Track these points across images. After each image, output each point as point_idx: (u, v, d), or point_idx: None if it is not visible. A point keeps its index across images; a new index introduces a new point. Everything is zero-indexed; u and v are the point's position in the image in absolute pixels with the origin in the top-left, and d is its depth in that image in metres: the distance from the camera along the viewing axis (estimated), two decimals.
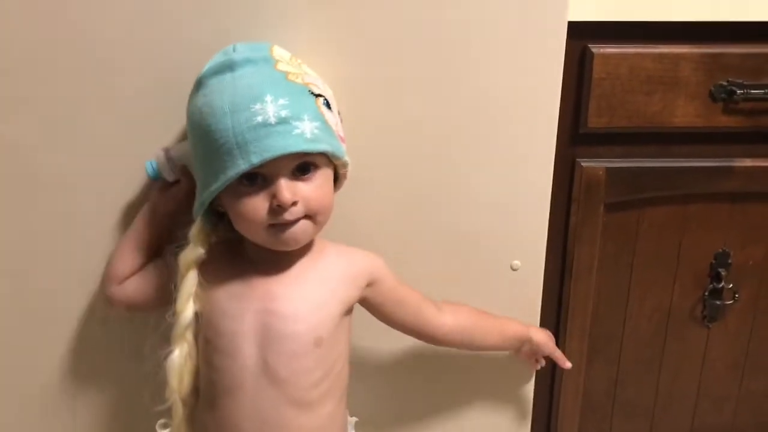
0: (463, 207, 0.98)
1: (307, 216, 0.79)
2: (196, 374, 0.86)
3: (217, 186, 0.77)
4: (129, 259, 0.90)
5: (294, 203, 0.77)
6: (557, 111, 0.94)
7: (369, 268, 0.88)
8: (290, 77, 0.78)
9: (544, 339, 1.02)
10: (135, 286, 0.91)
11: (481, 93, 0.93)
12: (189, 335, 0.83)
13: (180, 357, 0.83)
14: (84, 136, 0.91)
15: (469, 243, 0.99)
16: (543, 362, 1.05)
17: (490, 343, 0.99)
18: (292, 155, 0.76)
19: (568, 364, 1.04)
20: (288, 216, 0.78)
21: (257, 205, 0.78)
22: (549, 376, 1.12)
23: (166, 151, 0.87)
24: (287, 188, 0.77)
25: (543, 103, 0.94)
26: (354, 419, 0.95)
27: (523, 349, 1.02)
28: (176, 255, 0.84)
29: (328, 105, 0.81)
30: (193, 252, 0.83)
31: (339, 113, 0.86)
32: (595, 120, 0.98)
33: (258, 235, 0.80)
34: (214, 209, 0.83)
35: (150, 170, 0.87)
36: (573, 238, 1.04)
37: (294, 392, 0.83)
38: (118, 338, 1.00)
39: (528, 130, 0.95)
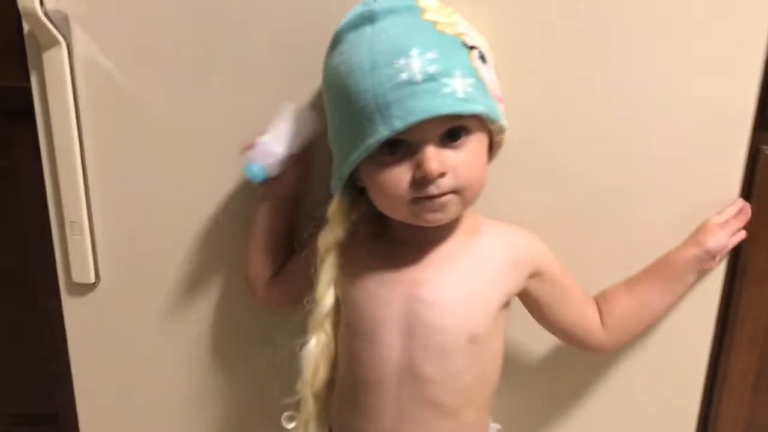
0: (636, 191, 0.85)
1: (455, 191, 0.69)
2: (332, 367, 0.78)
3: (355, 157, 0.68)
4: (266, 262, 0.85)
5: (442, 174, 0.67)
6: (756, 89, 0.80)
7: (533, 254, 0.77)
8: (439, 27, 0.68)
9: (717, 239, 0.83)
10: (282, 288, 0.85)
11: (668, 62, 0.80)
12: (327, 325, 0.76)
13: (317, 347, 0.76)
14: (206, 97, 0.86)
15: (643, 233, 0.86)
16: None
17: (664, 305, 0.85)
18: (441, 118, 0.66)
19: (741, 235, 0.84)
20: (434, 189, 0.68)
21: (399, 176, 0.68)
22: (705, 400, 0.97)
23: (269, 146, 0.77)
24: (435, 157, 0.67)
25: (738, 78, 0.80)
26: (496, 426, 0.84)
27: (706, 267, 0.85)
28: (313, 235, 0.76)
29: (483, 59, 0.70)
30: (332, 233, 0.74)
31: (495, 69, 0.74)
32: None
33: (398, 211, 0.71)
34: (353, 183, 0.74)
35: (258, 175, 0.78)
36: (750, 236, 0.88)
37: (438, 394, 0.74)
38: (248, 324, 0.94)
39: (719, 109, 0.82)
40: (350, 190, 0.75)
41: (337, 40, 0.71)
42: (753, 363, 0.95)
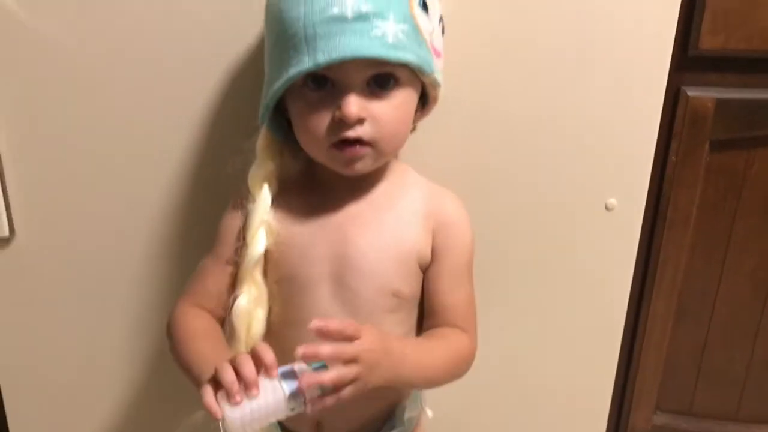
0: (556, 133, 0.85)
1: (371, 143, 0.68)
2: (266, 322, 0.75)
3: (279, 85, 0.66)
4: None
5: (361, 121, 0.66)
6: (674, 28, 0.81)
7: (447, 228, 0.74)
8: None
9: None
10: None
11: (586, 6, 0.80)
12: (258, 274, 0.73)
13: (248, 303, 0.73)
14: (120, 34, 0.81)
15: (562, 175, 0.87)
16: None
17: None
18: (368, 61, 0.64)
19: None
20: (351, 133, 0.66)
21: (321, 115, 0.67)
22: (629, 336, 1.00)
23: None
24: (355, 101, 0.65)
25: (657, 18, 0.81)
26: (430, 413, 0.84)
27: None
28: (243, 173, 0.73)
29: (425, 6, 0.68)
30: (261, 169, 0.72)
31: (442, 20, 0.72)
32: (709, 40, 0.84)
33: (317, 152, 0.70)
34: (285, 118, 0.72)
35: None
36: (670, 179, 0.91)
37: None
38: (175, 283, 0.90)
39: (637, 48, 0.82)
40: (281, 126, 0.72)
41: None
42: (672, 302, 0.98)
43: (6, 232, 0.89)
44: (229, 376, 0.60)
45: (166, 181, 0.87)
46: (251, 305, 0.73)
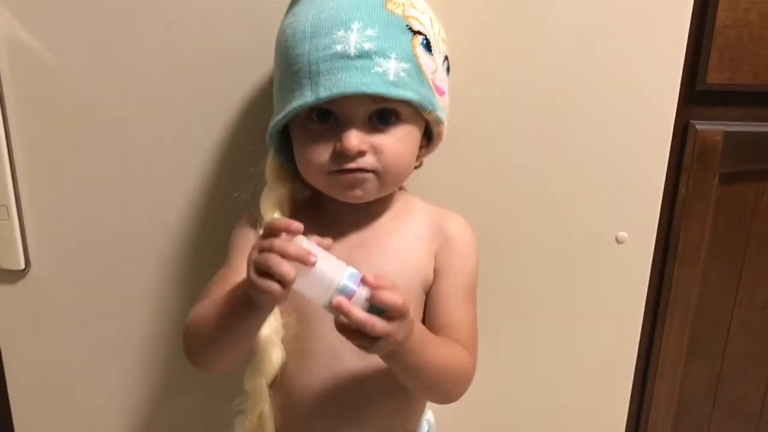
0: (566, 167, 0.86)
1: (375, 171, 0.69)
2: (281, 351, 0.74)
3: (281, 117, 0.68)
4: (231, 358, 0.72)
5: (361, 153, 0.67)
6: (681, 63, 0.82)
7: (451, 246, 0.75)
8: (389, 6, 0.67)
9: None
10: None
11: (594, 38, 0.82)
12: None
13: (268, 333, 0.72)
14: (138, 72, 0.83)
15: (573, 209, 0.88)
16: None
17: None
18: (370, 97, 0.65)
19: None
20: (352, 165, 0.68)
21: (322, 146, 0.68)
22: (642, 371, 0.99)
23: None
24: (356, 135, 0.67)
25: (664, 54, 0.82)
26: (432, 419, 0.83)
27: None
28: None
29: (427, 46, 0.69)
30: (273, 192, 0.73)
31: (446, 60, 0.74)
32: (716, 75, 0.85)
33: (317, 181, 0.71)
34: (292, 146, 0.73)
35: None
36: (680, 213, 0.91)
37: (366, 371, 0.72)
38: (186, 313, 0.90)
39: (645, 83, 0.83)
40: (288, 153, 0.73)
41: (295, 1, 0.71)
42: (685, 336, 0.98)
43: (21, 265, 0.90)
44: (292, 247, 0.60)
45: (180, 214, 0.89)
46: (270, 335, 0.73)
